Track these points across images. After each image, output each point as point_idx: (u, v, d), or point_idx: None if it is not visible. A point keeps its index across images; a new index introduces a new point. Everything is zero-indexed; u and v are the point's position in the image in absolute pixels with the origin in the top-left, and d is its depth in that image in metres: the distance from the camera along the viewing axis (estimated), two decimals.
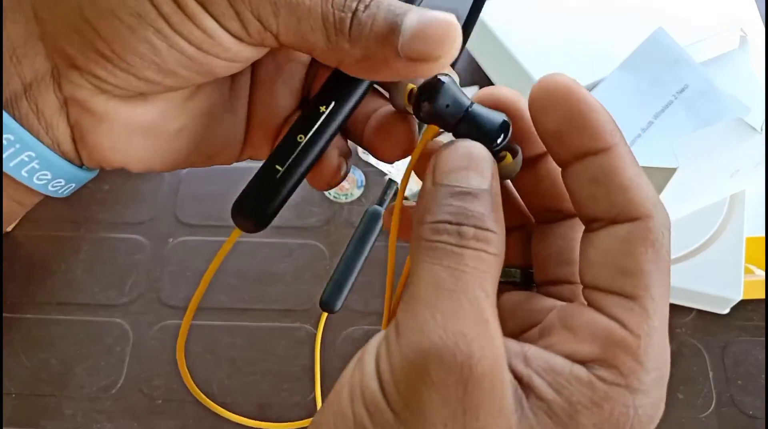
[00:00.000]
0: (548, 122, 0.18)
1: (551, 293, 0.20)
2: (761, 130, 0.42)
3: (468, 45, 0.56)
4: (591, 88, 0.49)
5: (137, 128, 0.19)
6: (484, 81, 0.56)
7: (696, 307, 0.45)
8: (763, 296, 0.47)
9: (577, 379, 0.15)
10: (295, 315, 0.49)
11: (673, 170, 0.38)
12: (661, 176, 0.39)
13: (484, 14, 0.53)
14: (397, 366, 0.15)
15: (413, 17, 0.17)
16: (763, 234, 0.47)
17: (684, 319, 0.48)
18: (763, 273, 0.46)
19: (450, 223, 0.16)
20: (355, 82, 0.20)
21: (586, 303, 0.17)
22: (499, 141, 0.18)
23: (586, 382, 0.15)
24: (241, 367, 0.47)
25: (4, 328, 0.48)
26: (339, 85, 0.20)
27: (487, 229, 0.16)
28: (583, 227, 0.18)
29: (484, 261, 0.16)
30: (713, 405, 0.45)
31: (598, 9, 0.53)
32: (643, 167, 0.44)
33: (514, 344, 0.16)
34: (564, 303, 0.19)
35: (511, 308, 0.19)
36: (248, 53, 0.18)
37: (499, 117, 0.18)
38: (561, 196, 0.20)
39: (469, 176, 0.17)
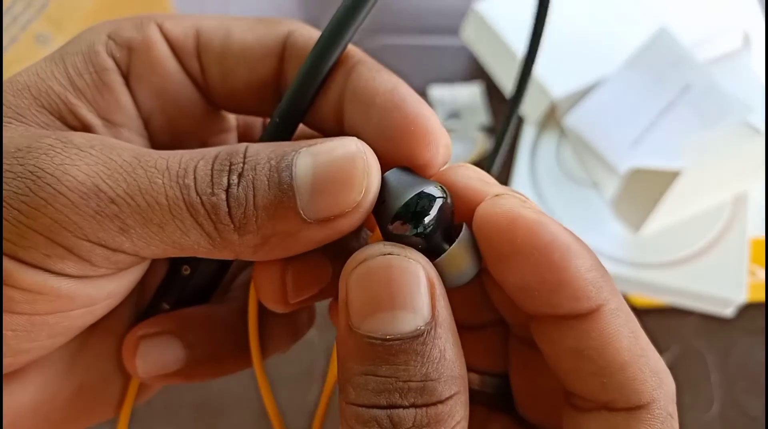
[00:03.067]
0: (508, 275, 0.13)
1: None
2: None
3: (468, 41, 0.55)
4: (594, 87, 0.48)
5: (16, 417, 0.15)
6: (485, 79, 0.55)
7: (699, 308, 0.45)
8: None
9: None
10: None
11: (676, 173, 0.38)
12: (665, 179, 0.39)
13: (486, 11, 0.52)
14: None
15: (305, 165, 0.13)
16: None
17: (687, 321, 0.47)
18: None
19: (380, 406, 0.11)
20: None
21: None
22: (426, 222, 0.12)
23: None
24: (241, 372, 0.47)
25: None
26: None
27: (436, 403, 0.11)
28: None
29: None
30: (716, 407, 0.45)
31: (602, 8, 0.53)
32: (647, 170, 0.44)
33: None
34: None
35: None
36: (109, 286, 0.14)
37: (419, 185, 0.13)
38: None
39: (395, 317, 0.12)
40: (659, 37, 0.47)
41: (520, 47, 0.50)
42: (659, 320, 0.47)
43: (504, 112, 0.54)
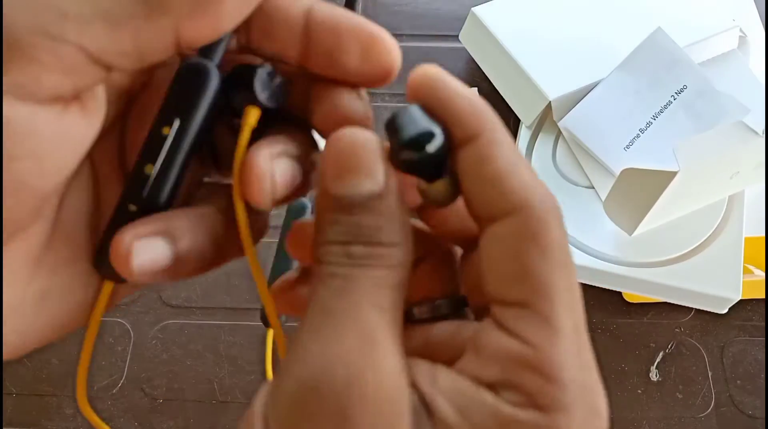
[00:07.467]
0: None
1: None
2: (762, 132, 0.42)
3: (466, 45, 0.56)
4: (590, 88, 0.49)
5: None
6: (483, 82, 0.56)
7: (695, 306, 0.45)
8: (762, 296, 0.47)
9: (481, 404, 0.14)
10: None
11: (673, 173, 0.38)
12: (659, 181, 0.39)
13: (484, 15, 0.53)
14: (281, 403, 0.14)
15: None
16: (761, 234, 0.47)
17: (683, 319, 0.48)
18: (762, 273, 0.46)
19: (339, 243, 0.15)
20: (197, 90, 0.17)
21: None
22: (428, 151, 0.16)
23: (491, 406, 0.14)
24: (243, 367, 0.47)
25: None
26: (179, 98, 0.17)
27: (379, 244, 0.15)
28: None
29: (376, 276, 0.15)
30: (712, 405, 0.45)
31: (597, 9, 0.53)
32: (643, 170, 0.44)
33: (424, 365, 0.15)
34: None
35: (445, 338, 0.18)
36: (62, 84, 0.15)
37: (425, 124, 0.16)
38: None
39: (358, 181, 0.15)
40: (655, 37, 0.47)
41: (518, 51, 0.51)
42: (656, 317, 0.48)
43: (503, 117, 0.55)
